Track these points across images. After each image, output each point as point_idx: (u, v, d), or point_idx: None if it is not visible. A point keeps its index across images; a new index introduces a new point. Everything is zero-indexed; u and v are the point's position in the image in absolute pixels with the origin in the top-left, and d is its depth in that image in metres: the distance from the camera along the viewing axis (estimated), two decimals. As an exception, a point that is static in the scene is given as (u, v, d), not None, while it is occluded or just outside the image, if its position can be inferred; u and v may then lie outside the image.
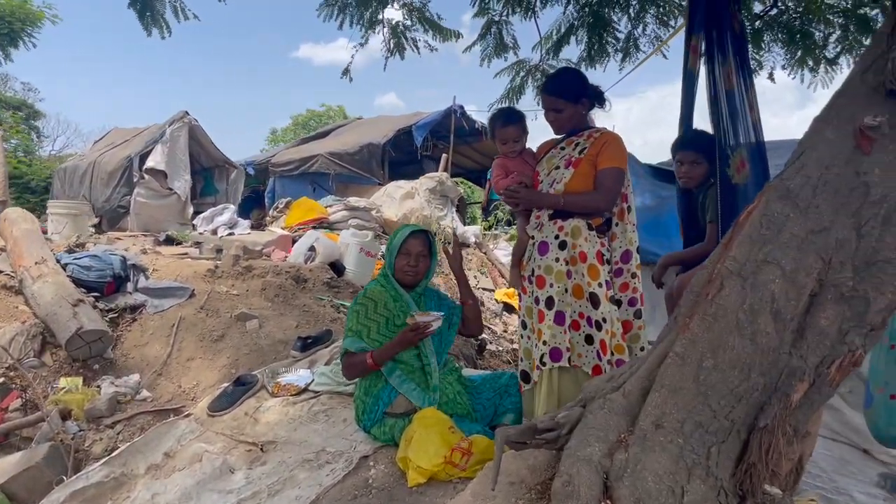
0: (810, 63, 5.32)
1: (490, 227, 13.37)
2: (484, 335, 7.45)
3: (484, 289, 9.60)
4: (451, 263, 3.43)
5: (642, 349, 3.21)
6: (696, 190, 3.69)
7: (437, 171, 11.71)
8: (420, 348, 3.13)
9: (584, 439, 2.24)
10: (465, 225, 11.01)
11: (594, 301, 3.08)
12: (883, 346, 3.25)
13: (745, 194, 3.38)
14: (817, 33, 5.26)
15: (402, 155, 14.74)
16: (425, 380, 3.14)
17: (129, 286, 4.98)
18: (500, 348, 7.62)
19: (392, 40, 4.94)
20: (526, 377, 3.25)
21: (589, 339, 3.09)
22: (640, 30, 5.45)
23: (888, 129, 2.09)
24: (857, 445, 3.73)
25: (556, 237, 3.14)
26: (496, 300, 9.41)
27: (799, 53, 5.30)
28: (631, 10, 5.40)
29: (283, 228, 8.70)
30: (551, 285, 3.11)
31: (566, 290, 3.11)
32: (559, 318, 3.09)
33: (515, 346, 7.99)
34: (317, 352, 4.22)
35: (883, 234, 2.07)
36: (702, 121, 3.90)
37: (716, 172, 3.42)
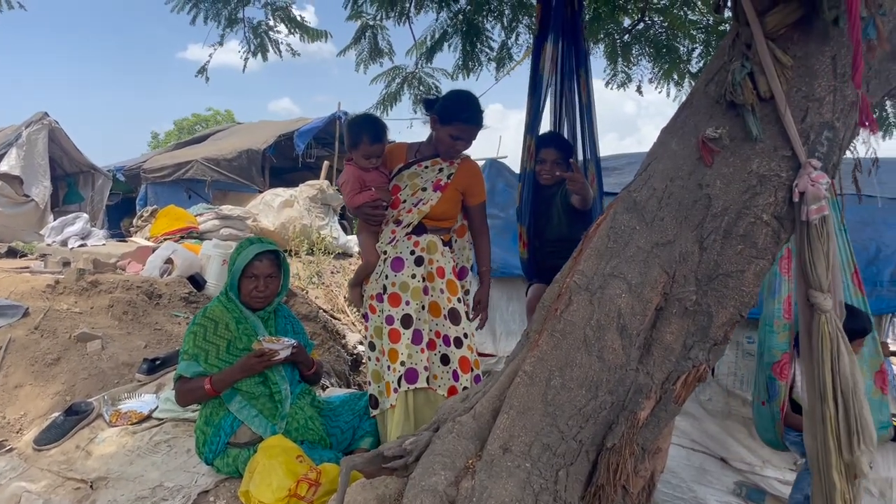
0: (675, 77, 5.46)
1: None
2: (362, 347, 7.23)
3: (366, 300, 9.38)
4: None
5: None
6: (549, 188, 3.66)
7: (319, 178, 11.39)
8: (267, 374, 2.89)
9: (429, 467, 2.10)
10: (347, 234, 10.76)
11: (454, 317, 2.98)
12: (757, 358, 3.35)
13: (593, 207, 3.41)
14: (682, 48, 5.42)
15: (285, 162, 14.29)
16: (274, 407, 2.90)
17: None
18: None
19: (254, 41, 4.66)
20: (375, 402, 3.10)
21: (445, 360, 2.97)
22: (513, 39, 5.43)
23: (728, 141, 2.07)
24: (715, 454, 3.81)
25: (412, 252, 3.02)
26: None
27: (665, 67, 5.44)
28: (504, 19, 5.37)
29: (147, 239, 8.15)
30: (407, 303, 2.98)
31: (423, 308, 2.98)
32: (416, 338, 2.96)
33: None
34: (165, 374, 3.88)
35: (724, 247, 2.05)
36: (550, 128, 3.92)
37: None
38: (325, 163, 12.30)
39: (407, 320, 2.97)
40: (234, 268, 2.89)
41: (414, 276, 2.98)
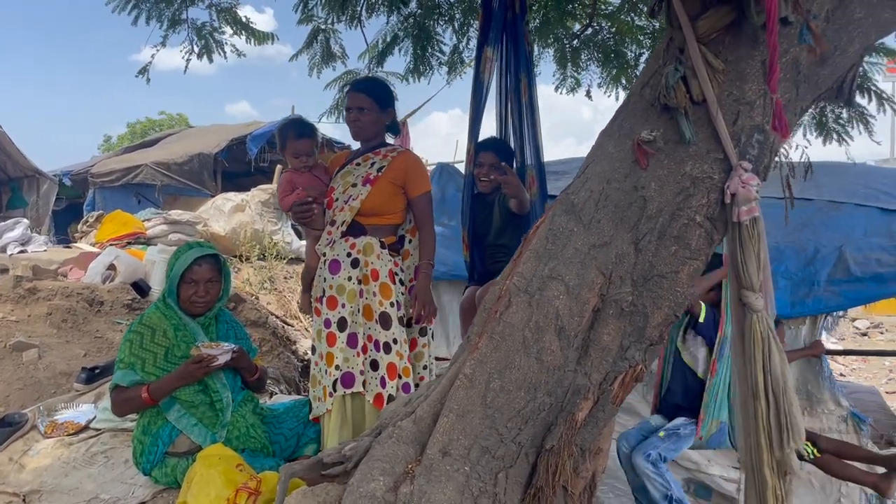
0: (624, 81, 5.53)
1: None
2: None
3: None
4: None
5: (425, 367, 3.13)
6: (490, 195, 3.67)
7: (272, 183, 11.25)
8: (207, 382, 2.82)
9: (368, 473, 2.07)
10: (301, 239, 10.64)
11: (384, 321, 2.95)
12: None
13: (533, 211, 3.43)
14: (629, 53, 5.50)
15: (237, 166, 14.09)
16: (214, 415, 2.83)
17: None
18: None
19: (198, 42, 4.57)
20: (310, 407, 3.07)
21: (374, 365, 2.94)
22: (464, 43, 5.44)
23: (663, 144, 2.10)
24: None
25: (349, 255, 2.99)
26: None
27: (614, 72, 5.50)
28: (455, 23, 5.37)
29: (93, 244, 7.93)
30: (343, 305, 2.95)
31: (358, 311, 2.96)
32: (352, 341, 2.93)
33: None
34: (104, 383, 3.76)
35: (658, 248, 2.07)
36: (492, 131, 3.94)
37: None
38: (279, 167, 12.12)
39: (342, 323, 2.94)
40: (172, 273, 2.82)
41: (350, 279, 2.96)
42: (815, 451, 3.24)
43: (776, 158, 2.22)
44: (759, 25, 1.99)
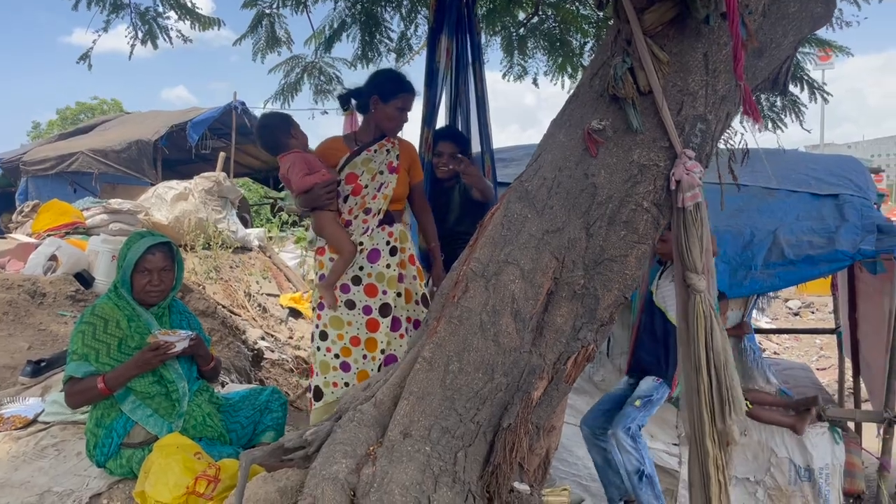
0: (569, 70, 5.63)
1: (277, 229, 12.88)
2: (263, 342, 7.11)
3: (269, 294, 9.21)
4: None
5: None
6: (448, 181, 3.71)
7: (215, 170, 11.03)
8: (162, 372, 2.80)
9: (330, 456, 2.11)
10: (246, 228, 10.49)
11: (426, 302, 3.15)
12: None
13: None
14: (575, 42, 5.60)
15: (178, 153, 13.74)
16: (170, 405, 2.82)
17: None
18: (284, 356, 7.32)
19: (142, 27, 4.46)
20: (318, 394, 3.09)
21: None
22: (412, 30, 5.44)
23: (612, 133, 2.18)
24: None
25: (388, 243, 3.11)
26: (281, 305, 9.06)
27: (559, 60, 5.60)
28: (402, 10, 5.37)
29: (29, 235, 7.66)
30: (385, 292, 3.07)
31: (399, 295, 3.11)
32: (395, 325, 3.09)
33: (301, 353, 7.73)
34: (51, 376, 3.68)
35: (608, 233, 2.16)
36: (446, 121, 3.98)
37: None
38: (222, 154, 11.90)
39: (385, 309, 3.07)
40: (124, 262, 2.78)
41: (388, 266, 3.08)
42: (749, 403, 3.51)
43: (716, 146, 2.34)
44: (701, 19, 2.09)
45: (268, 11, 5.13)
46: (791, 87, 4.17)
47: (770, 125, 4.35)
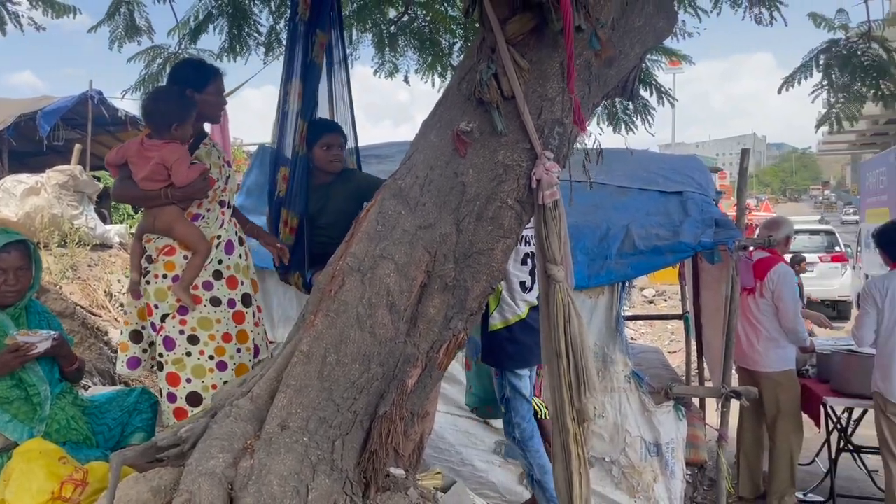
0: (439, 69, 5.78)
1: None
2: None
3: (131, 293, 8.78)
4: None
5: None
6: (327, 174, 3.65)
7: (70, 163, 10.35)
8: (21, 376, 2.67)
9: (206, 451, 2.12)
10: (106, 224, 9.94)
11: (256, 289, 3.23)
12: None
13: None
14: (444, 42, 5.75)
15: (27, 145, 12.79)
16: (32, 410, 2.69)
17: None
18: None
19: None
20: (197, 399, 2.93)
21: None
22: (282, 24, 5.39)
23: (479, 135, 2.33)
24: (479, 418, 4.19)
25: (237, 233, 3.15)
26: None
27: (430, 59, 5.73)
28: (272, 4, 5.32)
29: None
30: (242, 283, 3.08)
31: (251, 285, 3.15)
32: (258, 314, 3.17)
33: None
34: None
35: (477, 228, 2.31)
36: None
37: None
38: (77, 146, 11.17)
39: (247, 299, 3.09)
40: (-26, 261, 2.63)
41: (241, 256, 3.12)
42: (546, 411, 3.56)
43: (574, 147, 2.55)
44: (558, 31, 2.27)
45: (127, -1, 4.93)
46: (642, 92, 4.56)
47: (624, 127, 4.70)
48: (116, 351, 5.85)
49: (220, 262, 3.01)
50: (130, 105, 12.94)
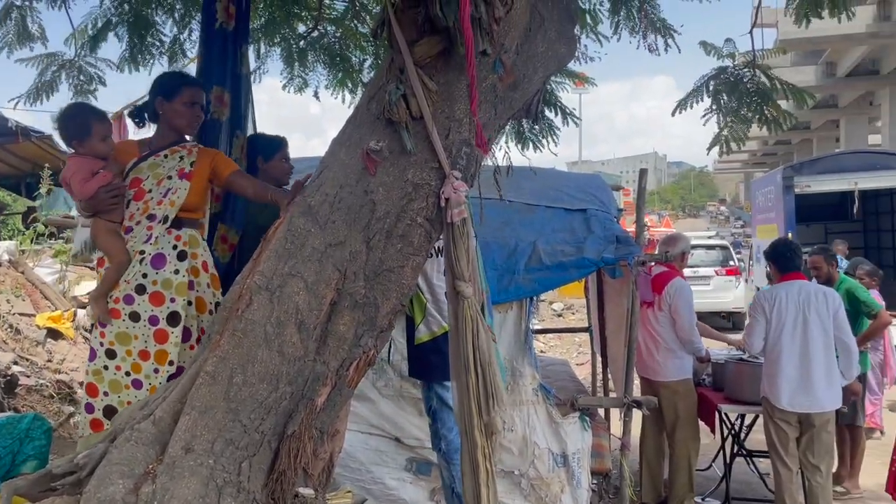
0: (350, 85, 5.79)
1: (31, 242, 11.58)
2: (17, 367, 6.41)
3: (22, 314, 8.28)
4: None
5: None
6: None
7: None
8: None
9: (105, 477, 2.04)
10: (-5, 240, 9.36)
11: None
12: None
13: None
14: (354, 58, 5.78)
15: None
16: None
17: None
18: (42, 381, 6.65)
19: None
20: (113, 413, 2.83)
21: None
22: (185, 34, 5.29)
23: (389, 154, 2.36)
24: (390, 435, 4.19)
25: (175, 247, 2.93)
26: (38, 326, 8.20)
27: (340, 75, 5.74)
28: (175, 14, 5.20)
29: None
30: (172, 300, 2.87)
31: (190, 304, 2.94)
32: (186, 335, 2.92)
33: (62, 377, 7.06)
34: None
35: (387, 246, 2.33)
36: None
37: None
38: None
39: (174, 318, 2.88)
40: None
41: (177, 272, 2.90)
42: None
43: (482, 166, 2.62)
44: (463, 55, 2.33)
45: (18, 3, 4.73)
46: (547, 113, 4.73)
47: (531, 146, 4.85)
48: (5, 375, 5.53)
49: (144, 276, 2.90)
50: (23, 116, 12.28)
